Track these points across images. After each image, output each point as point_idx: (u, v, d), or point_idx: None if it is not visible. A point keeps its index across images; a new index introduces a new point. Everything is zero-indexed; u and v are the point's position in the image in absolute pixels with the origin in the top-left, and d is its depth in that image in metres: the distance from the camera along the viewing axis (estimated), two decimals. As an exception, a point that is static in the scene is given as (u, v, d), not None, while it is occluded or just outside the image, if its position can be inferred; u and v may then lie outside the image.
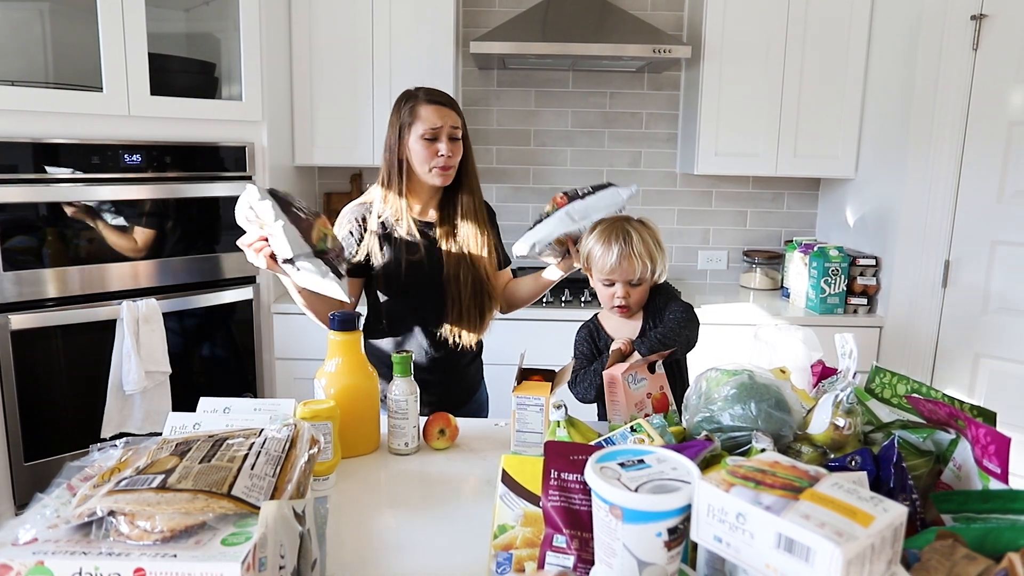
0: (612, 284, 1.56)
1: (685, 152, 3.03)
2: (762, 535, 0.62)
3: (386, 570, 0.96)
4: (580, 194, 1.69)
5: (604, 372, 1.39)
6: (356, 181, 3.16)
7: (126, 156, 2.21)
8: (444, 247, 1.71)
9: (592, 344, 1.63)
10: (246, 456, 0.80)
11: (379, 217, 1.68)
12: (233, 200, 2.41)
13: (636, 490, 0.69)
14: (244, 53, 2.41)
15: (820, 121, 2.79)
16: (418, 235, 1.69)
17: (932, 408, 1.07)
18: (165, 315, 2.31)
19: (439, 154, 1.64)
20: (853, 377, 1.21)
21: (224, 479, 0.74)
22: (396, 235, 1.68)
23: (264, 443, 0.84)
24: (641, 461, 0.75)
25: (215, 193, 2.43)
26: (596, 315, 1.70)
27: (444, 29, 2.73)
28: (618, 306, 1.57)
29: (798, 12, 2.70)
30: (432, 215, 1.75)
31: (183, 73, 2.42)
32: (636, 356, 1.46)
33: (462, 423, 1.39)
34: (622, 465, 0.74)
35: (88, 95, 2.14)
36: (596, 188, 1.70)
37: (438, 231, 1.72)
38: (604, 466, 0.73)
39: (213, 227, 2.46)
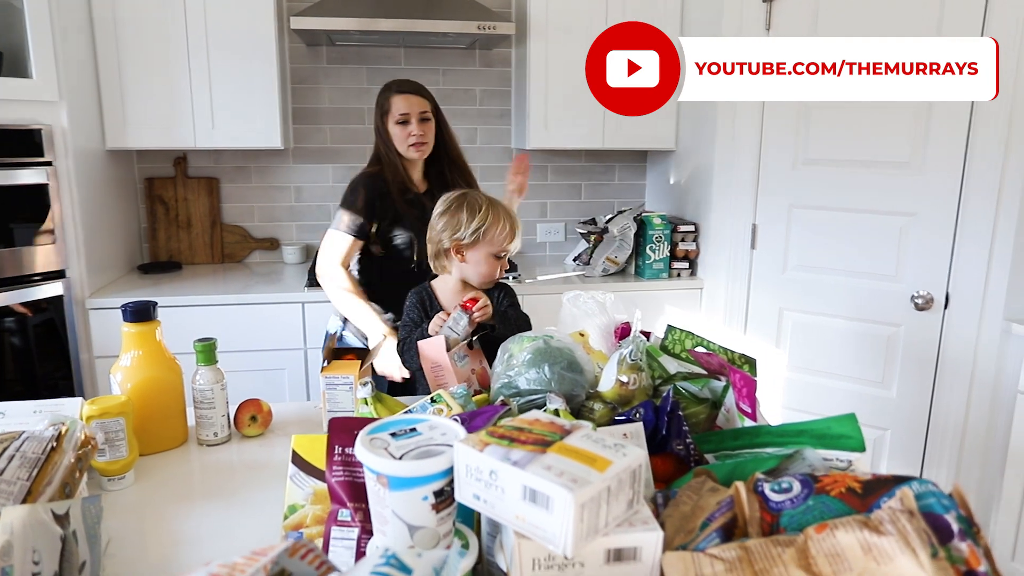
0: (500, 257, 1.62)
1: (518, 128, 3.10)
2: (511, 489, 0.66)
3: (182, 563, 0.94)
4: None
5: (426, 356, 1.41)
6: (181, 164, 2.98)
7: None
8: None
9: (422, 311, 1.65)
10: (-4, 461, 0.75)
11: (388, 184, 2.01)
12: (30, 188, 2.23)
13: (401, 458, 0.71)
14: (30, 23, 2.19)
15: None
16: (408, 200, 2.02)
17: (708, 360, 1.18)
18: (-42, 317, 2.09)
19: (412, 134, 2.01)
20: (645, 336, 1.30)
21: (-37, 488, 0.69)
22: (398, 201, 2.01)
23: (22, 446, 0.79)
24: (413, 430, 0.77)
25: (9, 181, 2.21)
26: (430, 283, 1.71)
27: (263, 1, 2.61)
28: (500, 278, 1.67)
29: (616, -10, 2.82)
30: (422, 185, 2.11)
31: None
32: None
33: (278, 407, 1.37)
34: (393, 435, 0.76)
35: None
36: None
37: (428, 203, 1.87)
38: (375, 437, 0.75)
39: (10, 218, 2.25)
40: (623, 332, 1.44)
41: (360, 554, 0.80)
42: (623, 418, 1.06)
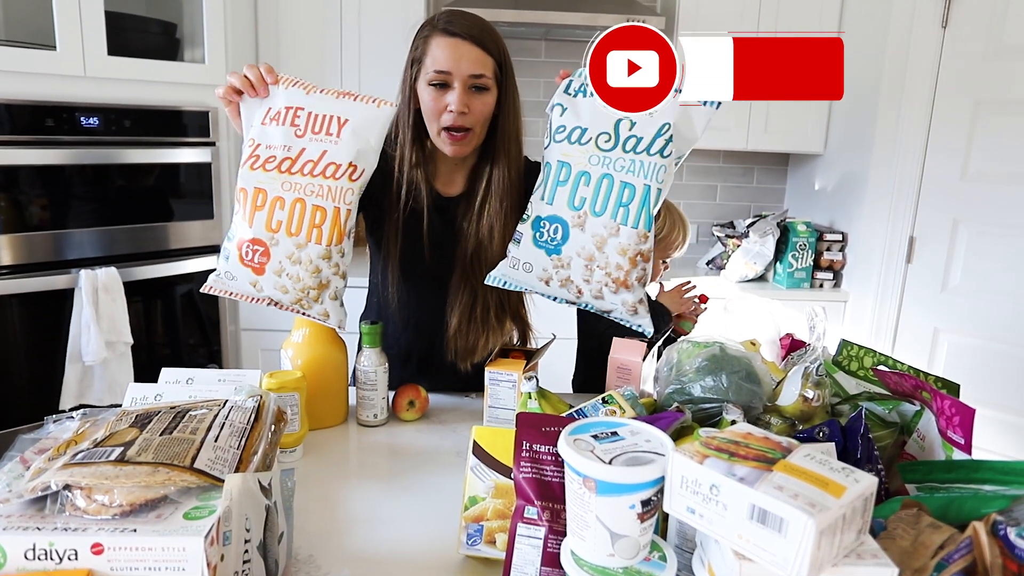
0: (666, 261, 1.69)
1: (657, 125, 3.02)
2: (736, 506, 0.62)
3: (355, 542, 0.95)
4: None
5: (618, 357, 1.32)
6: (323, 149, 3.09)
7: (83, 118, 2.13)
8: (463, 233, 1.33)
9: None
10: (210, 428, 0.77)
11: (396, 178, 1.32)
12: (196, 167, 2.37)
13: (610, 462, 0.68)
14: (206, 13, 2.32)
15: (791, 96, 2.80)
16: (430, 212, 1.31)
17: (898, 380, 1.09)
18: (125, 284, 2.24)
19: (448, 109, 1.22)
20: (822, 350, 1.22)
21: (186, 451, 0.71)
22: (408, 205, 1.32)
23: (229, 414, 0.82)
24: (615, 433, 0.74)
25: (177, 159, 2.35)
26: None
27: (415, -9, 2.66)
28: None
29: (772, -15, 2.69)
30: (459, 186, 1.37)
31: (142, 33, 2.33)
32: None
33: (432, 396, 1.38)
34: (595, 437, 0.73)
35: (41, 53, 2.04)
36: None
37: (461, 211, 1.34)
38: (578, 438, 0.72)
39: (176, 194, 2.39)
40: (791, 344, 1.36)
41: (547, 554, 0.78)
42: (804, 436, 1.00)
